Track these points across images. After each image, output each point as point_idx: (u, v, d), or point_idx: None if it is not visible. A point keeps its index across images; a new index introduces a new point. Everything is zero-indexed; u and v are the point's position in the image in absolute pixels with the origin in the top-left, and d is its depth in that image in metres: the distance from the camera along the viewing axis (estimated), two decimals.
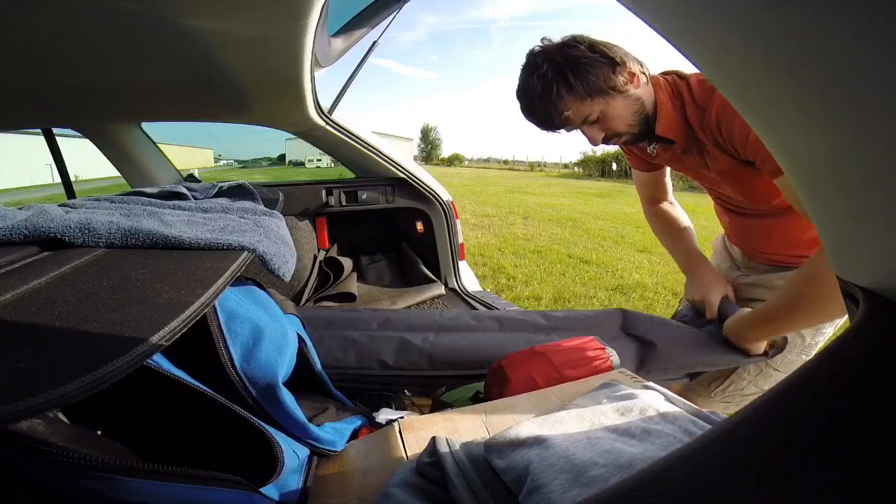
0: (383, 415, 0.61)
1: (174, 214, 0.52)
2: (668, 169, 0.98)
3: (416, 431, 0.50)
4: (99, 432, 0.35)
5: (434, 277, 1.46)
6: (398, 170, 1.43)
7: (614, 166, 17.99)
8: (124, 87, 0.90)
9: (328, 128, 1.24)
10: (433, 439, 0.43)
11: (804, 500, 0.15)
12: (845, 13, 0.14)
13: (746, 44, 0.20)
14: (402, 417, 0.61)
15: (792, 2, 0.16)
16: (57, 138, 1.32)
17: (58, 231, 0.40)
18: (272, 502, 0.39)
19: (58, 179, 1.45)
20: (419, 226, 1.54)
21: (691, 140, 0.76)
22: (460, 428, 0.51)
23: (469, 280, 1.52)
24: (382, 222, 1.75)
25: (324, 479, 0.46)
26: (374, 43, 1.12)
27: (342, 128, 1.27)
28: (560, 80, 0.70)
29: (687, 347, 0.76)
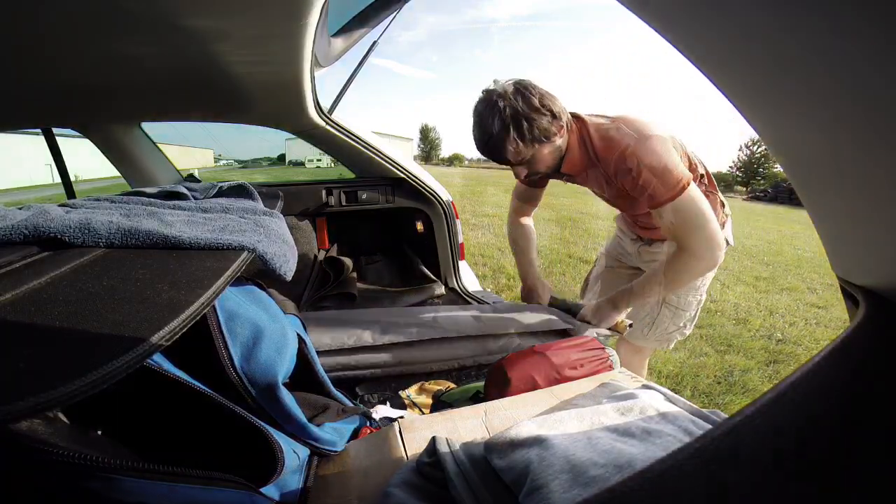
0: (381, 412, 0.61)
1: (174, 214, 0.52)
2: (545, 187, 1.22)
3: (416, 431, 0.50)
4: (99, 432, 0.35)
5: (434, 277, 1.46)
6: (398, 170, 1.43)
7: None
8: (124, 87, 0.90)
9: (328, 128, 1.24)
10: (433, 439, 0.43)
11: (805, 499, 0.15)
12: (846, 14, 0.14)
13: (747, 44, 0.20)
14: (401, 417, 0.61)
15: (792, 3, 0.16)
16: (57, 138, 1.31)
17: (58, 231, 0.40)
18: (272, 502, 0.39)
19: (58, 179, 1.45)
20: (419, 226, 1.54)
21: (594, 171, 0.96)
22: (460, 428, 0.51)
23: (469, 280, 1.52)
24: (382, 222, 1.75)
25: (324, 479, 0.46)
26: (374, 43, 1.12)
27: (342, 128, 1.27)
28: (514, 126, 0.84)
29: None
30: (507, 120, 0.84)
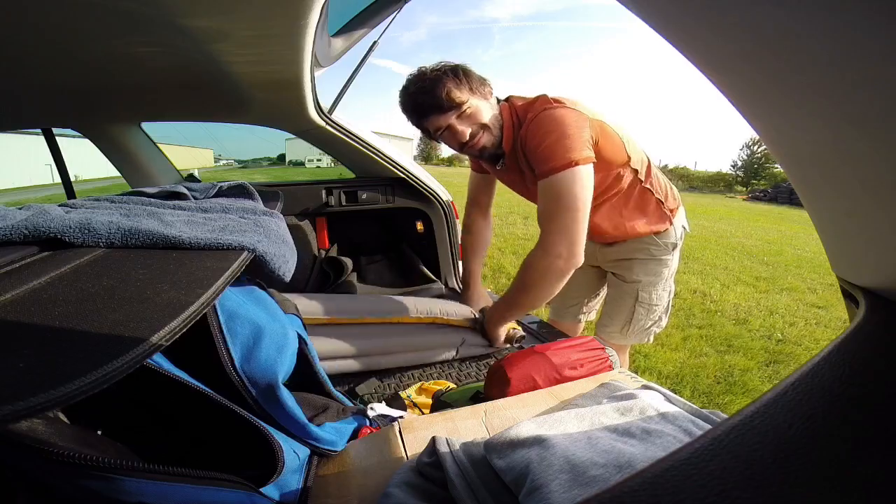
0: (377, 410, 0.61)
1: (174, 214, 0.52)
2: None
3: (416, 431, 0.50)
4: (99, 432, 0.35)
5: (434, 277, 1.46)
6: (398, 170, 1.43)
7: None
8: (124, 88, 0.90)
9: (328, 128, 1.24)
10: (433, 439, 0.43)
11: (805, 500, 0.15)
12: (848, 11, 0.14)
13: (746, 43, 0.20)
14: (401, 417, 0.61)
15: (792, 2, 0.16)
16: (57, 138, 1.31)
17: (58, 231, 0.40)
18: (272, 502, 0.39)
19: (58, 179, 1.45)
20: (419, 226, 1.54)
21: (513, 158, 0.94)
22: (460, 428, 0.51)
23: None
24: (382, 222, 1.75)
25: (324, 479, 0.46)
26: (375, 43, 1.12)
27: (342, 128, 1.27)
28: (451, 73, 0.86)
29: None
30: (442, 70, 0.85)
